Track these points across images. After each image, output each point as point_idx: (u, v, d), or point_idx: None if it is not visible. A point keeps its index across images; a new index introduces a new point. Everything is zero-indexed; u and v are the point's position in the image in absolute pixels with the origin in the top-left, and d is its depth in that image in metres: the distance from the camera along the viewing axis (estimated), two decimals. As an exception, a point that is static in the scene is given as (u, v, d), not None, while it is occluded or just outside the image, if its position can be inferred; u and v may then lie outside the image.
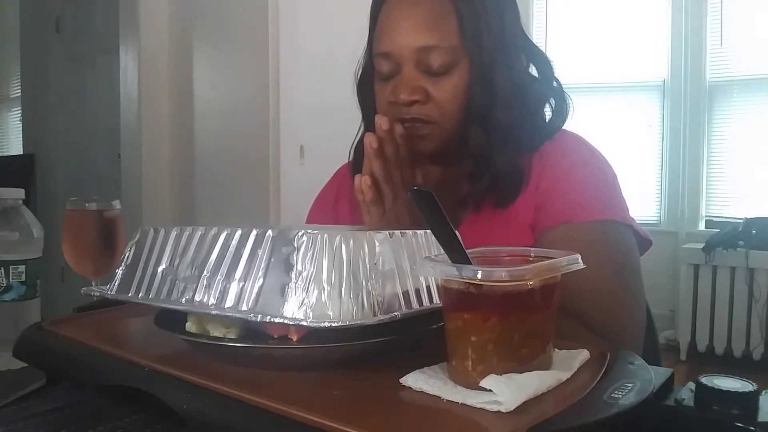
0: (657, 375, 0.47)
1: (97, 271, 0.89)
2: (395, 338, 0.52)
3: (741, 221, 3.36)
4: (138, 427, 0.53)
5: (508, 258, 0.54)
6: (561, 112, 0.91)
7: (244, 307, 0.52)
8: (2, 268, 0.84)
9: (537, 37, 3.86)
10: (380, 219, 0.81)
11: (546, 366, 0.48)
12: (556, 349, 0.51)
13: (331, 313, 0.48)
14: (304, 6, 2.56)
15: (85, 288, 0.68)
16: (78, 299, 0.73)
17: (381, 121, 0.80)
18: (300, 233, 0.51)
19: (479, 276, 0.45)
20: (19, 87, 4.06)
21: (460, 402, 0.44)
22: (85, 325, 0.69)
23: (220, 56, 2.64)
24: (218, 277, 0.54)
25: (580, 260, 0.50)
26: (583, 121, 0.99)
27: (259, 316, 0.50)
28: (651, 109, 3.87)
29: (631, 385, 0.45)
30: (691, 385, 0.46)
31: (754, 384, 0.44)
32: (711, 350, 3.42)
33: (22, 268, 0.86)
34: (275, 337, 0.52)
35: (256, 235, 0.54)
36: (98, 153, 3.16)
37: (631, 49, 3.83)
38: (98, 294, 0.66)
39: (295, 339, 0.51)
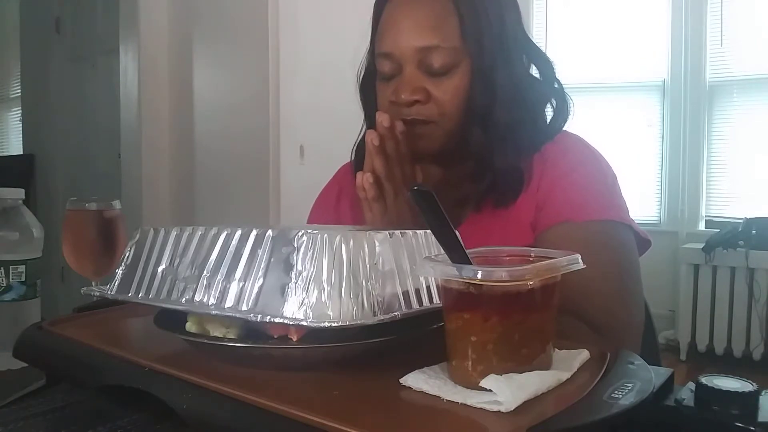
0: (657, 375, 0.47)
1: (97, 271, 0.89)
2: (395, 338, 0.52)
3: (741, 221, 3.36)
4: (138, 427, 0.53)
5: (508, 258, 0.54)
6: (562, 113, 0.91)
7: (244, 307, 0.52)
8: (2, 268, 0.84)
9: (537, 37, 3.86)
10: (382, 216, 0.82)
11: (546, 366, 0.48)
12: (556, 349, 0.51)
13: (331, 313, 0.48)
14: (304, 6, 2.56)
15: (85, 288, 0.68)
16: (78, 299, 0.73)
17: (382, 119, 0.80)
18: (300, 233, 0.51)
19: (479, 276, 0.45)
20: (19, 87, 4.06)
21: (460, 402, 0.44)
22: (85, 325, 0.69)
23: (220, 56, 2.64)
24: (218, 277, 0.54)
25: (580, 260, 0.50)
26: (583, 121, 0.99)
27: (259, 316, 0.50)
28: (651, 109, 3.87)
29: (631, 385, 0.45)
30: (691, 385, 0.46)
31: (754, 384, 0.44)
32: (711, 350, 3.42)
33: (22, 268, 0.86)
34: (275, 337, 0.52)
35: (256, 235, 0.54)
36: (98, 153, 3.16)
37: (631, 49, 3.83)
38: (98, 294, 0.66)
39: (295, 339, 0.51)
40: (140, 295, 0.61)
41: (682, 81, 3.73)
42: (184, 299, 0.56)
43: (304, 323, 0.48)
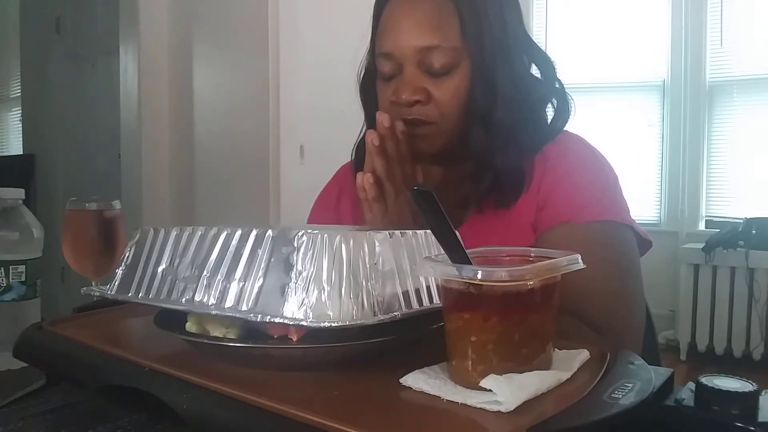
0: (657, 375, 0.47)
1: (97, 271, 0.89)
2: (395, 338, 0.52)
3: (741, 221, 3.36)
4: (138, 427, 0.53)
5: (508, 258, 0.54)
6: (563, 113, 0.91)
7: (244, 307, 0.52)
8: (2, 268, 0.84)
9: (537, 37, 3.85)
10: (382, 216, 0.82)
11: (546, 366, 0.48)
12: (556, 349, 0.51)
13: (331, 313, 0.48)
14: (304, 6, 2.56)
15: (85, 288, 0.68)
16: (78, 299, 0.73)
17: (382, 118, 0.80)
18: (300, 233, 0.51)
19: (479, 276, 0.45)
20: (19, 87, 4.06)
21: (460, 402, 0.44)
22: (85, 325, 0.69)
23: (220, 56, 2.64)
24: (218, 277, 0.54)
25: (580, 260, 0.50)
26: (583, 121, 0.99)
27: (259, 316, 0.50)
28: (651, 109, 3.87)
29: (631, 385, 0.45)
30: (691, 385, 0.46)
31: (754, 384, 0.44)
32: (711, 350, 3.42)
33: (22, 268, 0.86)
34: (275, 337, 0.52)
35: (256, 235, 0.54)
36: (98, 153, 3.16)
37: (631, 49, 3.83)
38: (98, 294, 0.66)
39: (295, 339, 0.51)
40: (140, 295, 0.61)
41: (682, 81, 3.73)
42: (184, 299, 0.56)
43: (304, 323, 0.48)
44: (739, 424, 0.42)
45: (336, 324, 0.48)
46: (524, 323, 0.47)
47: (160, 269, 0.60)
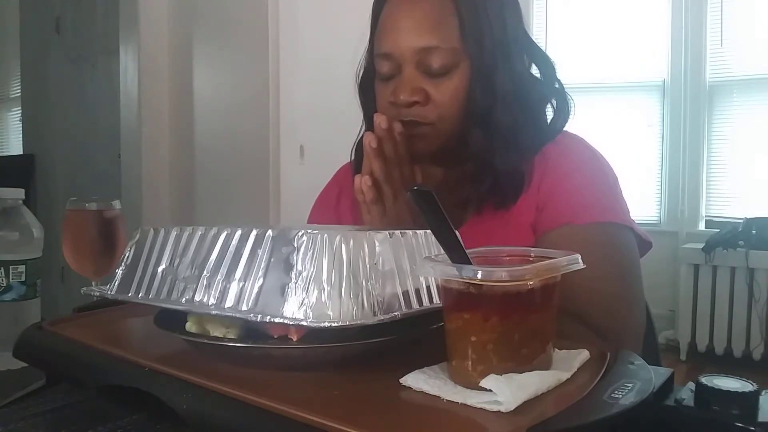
0: (657, 375, 0.47)
1: (97, 271, 0.89)
2: (395, 338, 0.52)
3: (741, 221, 3.36)
4: (138, 427, 0.53)
5: (508, 258, 0.54)
6: (563, 114, 0.91)
7: (244, 307, 0.52)
8: (2, 268, 0.84)
9: (537, 37, 3.85)
10: (381, 218, 0.81)
11: (546, 366, 0.48)
12: (556, 349, 0.51)
13: (331, 313, 0.48)
14: (304, 6, 2.56)
15: (85, 288, 0.68)
16: (78, 299, 0.73)
17: (379, 120, 0.80)
18: (300, 233, 0.51)
19: (479, 276, 0.45)
20: (19, 87, 4.06)
21: (460, 402, 0.44)
22: (85, 325, 0.69)
23: (220, 56, 2.64)
24: (218, 277, 0.54)
25: (580, 260, 0.50)
26: (583, 121, 0.99)
27: (259, 316, 0.50)
28: (651, 109, 3.87)
29: (631, 385, 0.45)
30: (691, 385, 0.46)
31: (754, 384, 0.44)
32: (711, 350, 3.42)
33: (22, 268, 0.86)
34: (275, 337, 0.52)
35: (256, 235, 0.54)
36: (98, 153, 3.15)
37: (631, 49, 3.83)
38: (98, 294, 0.66)
39: (295, 339, 0.51)
40: (140, 295, 0.61)
41: (682, 81, 3.73)
42: (184, 299, 0.56)
43: (304, 323, 0.48)
44: (739, 424, 0.42)
45: (336, 324, 0.48)
46: (524, 323, 0.47)
47: (160, 269, 0.60)
